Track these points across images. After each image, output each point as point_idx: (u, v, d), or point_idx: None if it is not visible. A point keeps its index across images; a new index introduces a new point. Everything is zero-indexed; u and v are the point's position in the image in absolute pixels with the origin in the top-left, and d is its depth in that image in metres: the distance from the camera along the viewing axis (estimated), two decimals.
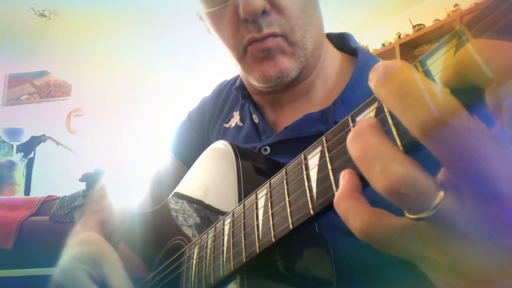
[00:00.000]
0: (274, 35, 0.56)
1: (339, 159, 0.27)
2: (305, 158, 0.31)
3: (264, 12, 0.55)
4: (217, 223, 0.46)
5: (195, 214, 0.56)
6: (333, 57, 0.68)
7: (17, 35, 3.85)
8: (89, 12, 3.53)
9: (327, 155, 0.28)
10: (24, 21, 3.61)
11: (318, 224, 0.46)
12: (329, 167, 0.28)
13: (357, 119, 0.26)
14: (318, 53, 0.64)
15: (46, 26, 3.63)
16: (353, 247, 0.37)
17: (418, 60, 0.22)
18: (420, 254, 0.24)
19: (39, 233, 2.03)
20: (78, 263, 0.57)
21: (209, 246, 0.46)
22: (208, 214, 0.53)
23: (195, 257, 0.49)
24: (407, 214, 0.23)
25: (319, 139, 0.30)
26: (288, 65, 0.58)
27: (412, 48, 3.34)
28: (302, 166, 0.31)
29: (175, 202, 0.64)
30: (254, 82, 0.62)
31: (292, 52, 0.58)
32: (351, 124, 0.26)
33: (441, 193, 0.22)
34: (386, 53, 3.39)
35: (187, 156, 0.79)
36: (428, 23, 3.23)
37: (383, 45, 3.52)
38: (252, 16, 0.54)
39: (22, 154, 3.96)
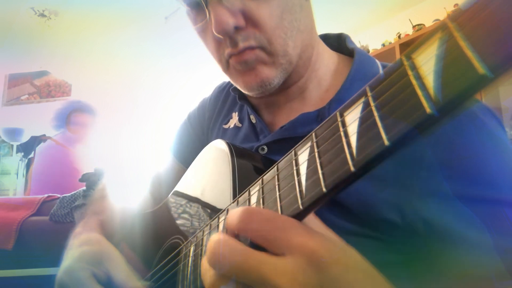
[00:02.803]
0: (251, 48, 0.56)
1: (327, 153, 0.27)
2: (296, 154, 0.32)
3: (238, 28, 0.55)
4: (212, 221, 0.46)
5: (192, 213, 0.56)
6: (327, 58, 0.67)
7: (17, 35, 3.86)
8: (89, 12, 3.53)
9: (315, 150, 0.29)
10: (24, 21, 3.61)
11: None
12: (318, 161, 0.28)
13: (345, 114, 0.26)
14: (307, 55, 0.63)
15: (46, 26, 3.64)
16: (353, 247, 0.37)
17: (403, 54, 0.22)
18: None
19: (39, 233, 2.03)
20: (81, 263, 0.57)
21: (204, 243, 0.46)
22: (204, 212, 0.53)
23: (191, 254, 0.49)
24: None
25: (309, 134, 0.31)
26: (269, 74, 0.58)
27: None
28: (292, 161, 0.31)
29: (173, 201, 0.65)
30: (241, 90, 0.64)
31: (272, 61, 0.58)
32: (339, 119, 0.27)
33: None
34: (386, 53, 3.38)
35: (187, 157, 0.79)
36: (428, 23, 3.22)
37: (383, 45, 3.52)
38: (224, 35, 0.55)
39: (22, 154, 3.96)
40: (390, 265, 0.43)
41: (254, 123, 0.69)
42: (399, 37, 3.41)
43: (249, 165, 0.53)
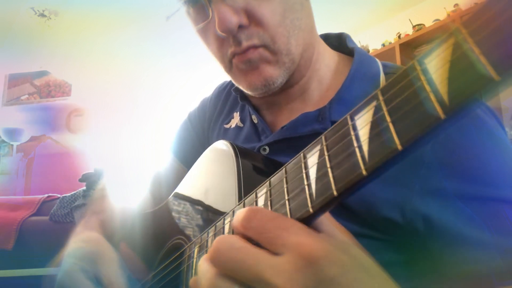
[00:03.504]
0: (254, 47, 0.56)
1: (338, 157, 0.27)
2: (304, 157, 0.31)
3: (241, 26, 0.55)
4: (217, 222, 0.46)
5: (196, 214, 0.56)
6: (327, 58, 0.67)
7: (17, 35, 3.85)
8: (89, 12, 3.53)
9: (326, 153, 0.29)
10: (24, 21, 3.61)
11: None
12: (328, 165, 0.28)
13: (356, 117, 0.26)
14: (309, 55, 0.64)
15: (46, 26, 3.63)
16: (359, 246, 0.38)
17: (416, 59, 0.22)
18: None
19: (39, 233, 2.04)
20: (73, 259, 0.57)
21: (209, 245, 0.46)
22: (208, 214, 0.53)
23: (195, 256, 0.49)
24: None
25: (318, 137, 0.31)
26: (273, 73, 0.58)
27: (412, 48, 3.33)
28: (301, 164, 0.31)
29: (175, 202, 0.64)
30: (244, 90, 0.64)
31: (276, 60, 0.58)
32: (349, 123, 0.27)
33: None
34: (386, 53, 3.38)
35: (187, 157, 0.80)
36: (428, 23, 3.23)
37: (383, 45, 3.52)
38: (228, 34, 0.55)
39: (22, 154, 3.96)
40: (390, 264, 0.43)
41: (256, 123, 0.69)
42: (399, 37, 3.41)
43: (254, 167, 0.53)
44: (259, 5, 0.55)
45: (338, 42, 0.72)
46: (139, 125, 4.38)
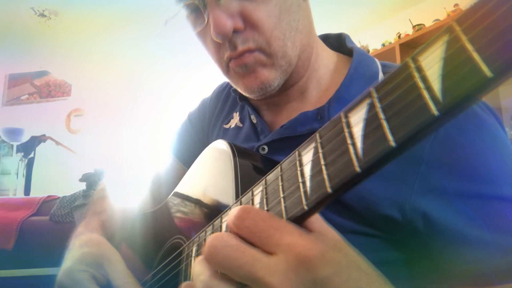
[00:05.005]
0: (250, 51, 0.56)
1: (332, 154, 0.27)
2: (299, 155, 0.31)
3: (236, 31, 0.55)
4: (214, 221, 0.46)
5: (194, 213, 0.56)
6: (326, 58, 0.68)
7: (17, 35, 3.86)
8: (89, 12, 3.53)
9: (320, 151, 0.29)
10: (24, 21, 3.61)
11: None
12: (322, 162, 0.28)
13: (350, 115, 0.26)
14: (307, 55, 0.64)
15: (46, 26, 3.64)
16: (352, 245, 0.38)
17: (410, 56, 0.22)
18: None
19: (39, 233, 2.03)
20: (81, 265, 0.57)
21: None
22: (206, 213, 0.53)
23: (193, 255, 0.49)
24: None
25: (312, 135, 0.31)
26: (268, 76, 0.58)
27: (412, 48, 3.33)
28: (296, 162, 0.31)
29: (174, 202, 0.65)
30: (242, 93, 0.64)
31: (271, 63, 0.58)
32: (343, 120, 0.27)
33: None
34: (386, 53, 3.38)
35: (187, 157, 0.80)
36: (428, 23, 3.23)
37: (383, 45, 3.52)
38: (222, 39, 0.55)
39: (22, 154, 3.96)
40: (390, 263, 0.43)
41: (255, 123, 0.69)
42: (399, 37, 3.41)
43: (251, 166, 0.53)
44: (254, 9, 0.55)
45: (338, 42, 0.72)
46: (139, 125, 4.38)
